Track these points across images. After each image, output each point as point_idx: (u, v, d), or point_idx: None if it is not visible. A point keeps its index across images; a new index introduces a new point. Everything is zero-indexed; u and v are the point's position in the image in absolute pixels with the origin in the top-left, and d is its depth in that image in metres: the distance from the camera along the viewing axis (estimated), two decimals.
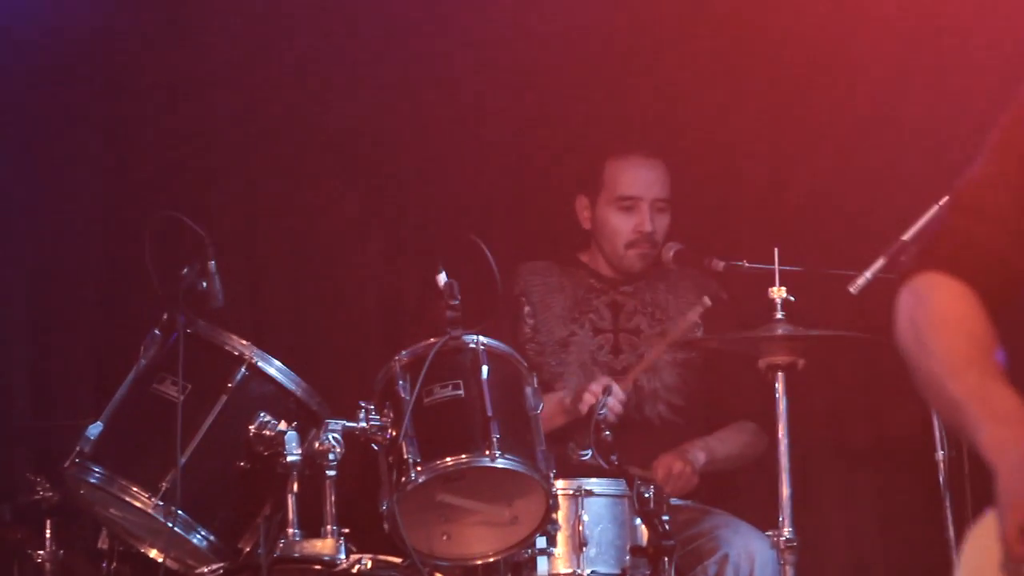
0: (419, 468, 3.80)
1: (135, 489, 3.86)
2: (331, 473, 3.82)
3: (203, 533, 3.88)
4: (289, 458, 3.80)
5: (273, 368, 4.00)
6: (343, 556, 3.80)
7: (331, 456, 3.81)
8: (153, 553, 4.05)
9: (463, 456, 3.84)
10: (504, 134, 5.38)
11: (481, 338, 3.99)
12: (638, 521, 4.03)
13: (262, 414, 3.88)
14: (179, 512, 3.82)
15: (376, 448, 3.93)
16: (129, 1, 5.26)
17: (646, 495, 3.92)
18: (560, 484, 3.99)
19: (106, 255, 5.33)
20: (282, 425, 3.85)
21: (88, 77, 5.29)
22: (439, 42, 5.33)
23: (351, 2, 5.30)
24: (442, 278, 4.06)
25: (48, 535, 4.47)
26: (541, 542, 3.99)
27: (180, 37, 5.27)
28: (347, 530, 3.85)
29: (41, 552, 4.46)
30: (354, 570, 3.75)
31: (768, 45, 5.13)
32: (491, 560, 3.99)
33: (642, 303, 4.93)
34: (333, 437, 3.81)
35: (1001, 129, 2.39)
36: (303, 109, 5.35)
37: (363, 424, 3.87)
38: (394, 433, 3.87)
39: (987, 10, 4.91)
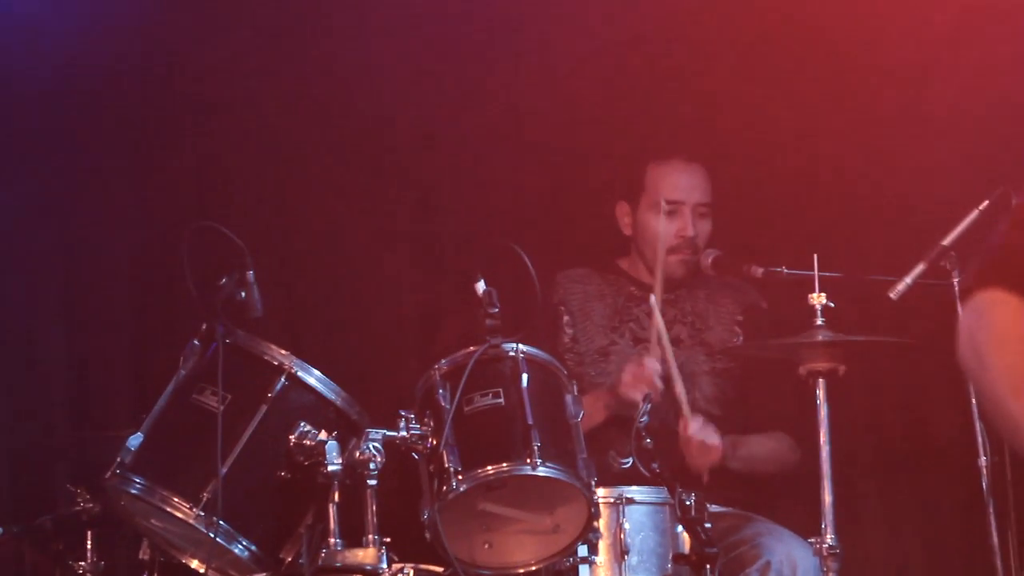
0: (460, 477, 3.79)
1: (176, 500, 3.85)
2: (372, 482, 3.81)
3: (244, 543, 3.87)
4: (330, 468, 3.79)
5: (313, 377, 3.99)
6: (385, 565, 3.78)
7: (372, 465, 3.79)
8: (195, 564, 4.03)
9: (504, 464, 3.82)
10: (543, 140, 5.36)
11: (521, 346, 3.97)
12: (680, 529, 4.01)
13: (302, 424, 3.86)
14: (220, 522, 3.81)
15: (417, 457, 3.92)
16: (162, 13, 5.27)
17: (688, 503, 3.90)
18: (601, 492, 3.97)
19: (143, 266, 5.33)
20: (322, 435, 3.83)
21: (122, 88, 5.30)
22: (477, 48, 5.33)
23: (387, 11, 5.30)
24: (481, 286, 4.04)
25: (89, 546, 4.48)
26: (583, 550, 3.97)
27: (214, 47, 5.27)
28: (388, 539, 3.83)
29: (82, 563, 4.47)
30: None
31: (806, 50, 5.11)
32: (533, 569, 3.97)
33: (682, 312, 4.90)
34: (374, 446, 3.80)
35: None
36: (338, 116, 5.34)
37: (403, 433, 3.86)
38: (435, 442, 3.86)
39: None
